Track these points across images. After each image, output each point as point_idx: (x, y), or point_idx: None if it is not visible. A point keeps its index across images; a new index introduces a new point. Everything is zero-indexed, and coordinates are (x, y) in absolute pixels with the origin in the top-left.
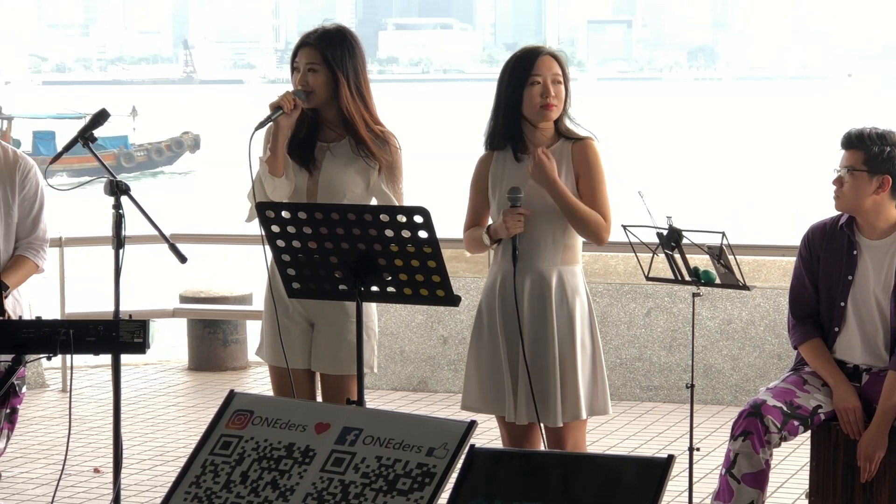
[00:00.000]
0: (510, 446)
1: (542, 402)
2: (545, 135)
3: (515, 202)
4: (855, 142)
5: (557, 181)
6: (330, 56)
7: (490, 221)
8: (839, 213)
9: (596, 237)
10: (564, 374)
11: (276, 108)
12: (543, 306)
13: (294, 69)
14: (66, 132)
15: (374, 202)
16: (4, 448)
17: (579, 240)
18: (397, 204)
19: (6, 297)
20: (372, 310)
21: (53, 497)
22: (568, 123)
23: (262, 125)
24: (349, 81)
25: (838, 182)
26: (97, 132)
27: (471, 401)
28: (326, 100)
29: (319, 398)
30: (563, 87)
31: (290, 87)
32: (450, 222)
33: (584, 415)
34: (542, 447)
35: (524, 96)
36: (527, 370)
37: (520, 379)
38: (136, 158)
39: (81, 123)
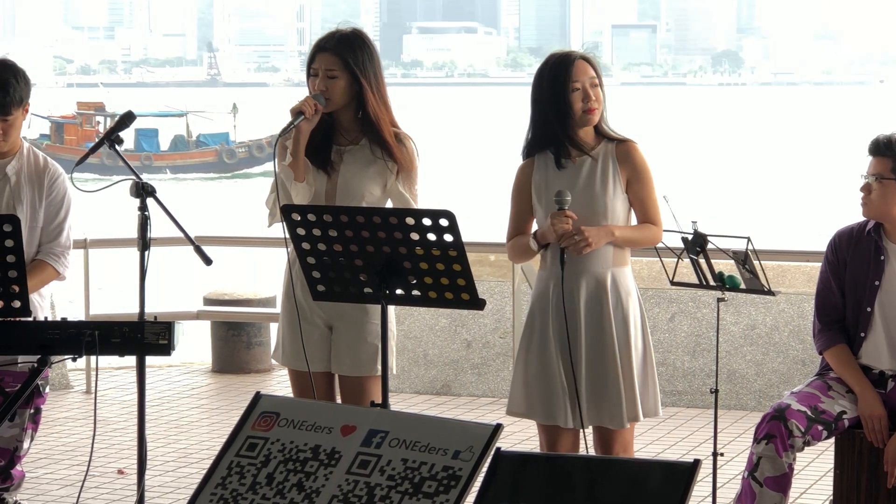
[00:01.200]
0: (548, 451)
1: (604, 404)
2: (587, 138)
3: (563, 205)
4: (883, 149)
5: (612, 234)
6: (351, 62)
7: (535, 228)
8: (865, 218)
9: (654, 244)
10: (625, 376)
11: (297, 113)
12: (601, 309)
13: (311, 74)
14: (168, 129)
15: (389, 204)
16: (29, 448)
17: None
18: (414, 205)
19: None
20: (391, 311)
21: (78, 498)
22: (606, 125)
23: (286, 131)
24: (371, 85)
25: (866, 189)
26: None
27: (517, 406)
28: (344, 104)
29: (338, 400)
30: (599, 89)
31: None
32: (475, 226)
33: (641, 417)
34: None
35: (572, 102)
36: (583, 373)
37: (581, 383)
38: (237, 155)
39: (183, 121)
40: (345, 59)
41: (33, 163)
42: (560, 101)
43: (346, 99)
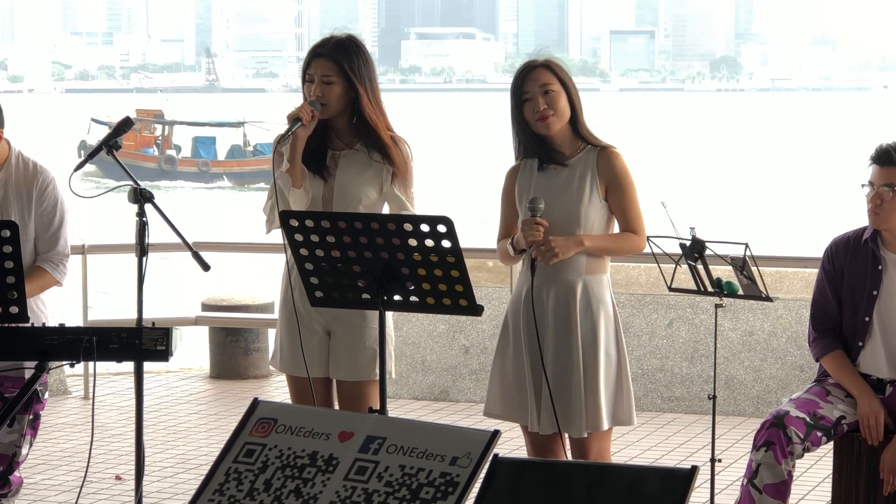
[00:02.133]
0: (534, 455)
1: (564, 412)
2: (564, 145)
3: (535, 212)
4: (895, 158)
5: (581, 243)
6: (347, 67)
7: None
8: (862, 226)
9: (634, 253)
10: (587, 385)
11: (294, 119)
12: (568, 316)
13: (307, 80)
14: (225, 138)
15: (385, 208)
16: (27, 454)
17: None
18: (411, 208)
19: None
20: (389, 316)
21: None
22: (589, 129)
23: (284, 137)
24: (367, 91)
25: (877, 198)
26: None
27: (493, 408)
28: (340, 110)
29: (336, 405)
30: (559, 94)
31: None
32: (473, 232)
33: (605, 425)
34: (564, 457)
35: (525, 115)
36: (546, 380)
37: (543, 389)
38: None
39: (240, 131)
40: (340, 64)
41: (22, 172)
42: (518, 113)
43: (342, 104)
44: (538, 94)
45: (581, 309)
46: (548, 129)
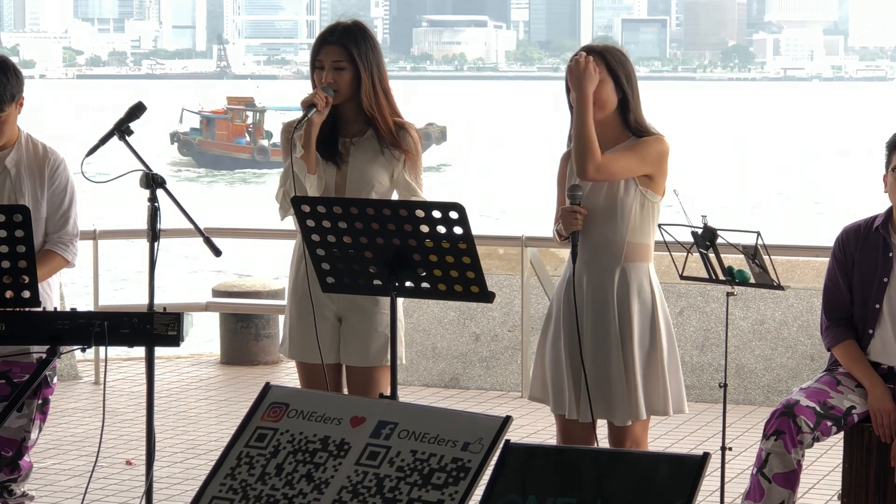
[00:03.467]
0: (564, 444)
1: (606, 400)
2: (606, 131)
3: (574, 199)
4: None
5: (588, 95)
6: (356, 53)
7: None
8: (873, 215)
9: (581, 165)
10: (627, 374)
11: (309, 105)
12: (605, 304)
13: (317, 67)
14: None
15: (395, 194)
16: (36, 439)
17: (648, 237)
18: (420, 193)
19: None
20: (399, 301)
21: (86, 489)
22: (642, 121)
23: (300, 124)
24: (373, 77)
25: None
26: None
27: (536, 392)
28: (350, 96)
29: (345, 391)
30: (607, 83)
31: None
32: (484, 219)
33: (643, 415)
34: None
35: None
36: (583, 368)
37: (583, 377)
38: None
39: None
40: (349, 50)
41: (32, 152)
42: (569, 98)
43: (352, 90)
44: None
45: (619, 297)
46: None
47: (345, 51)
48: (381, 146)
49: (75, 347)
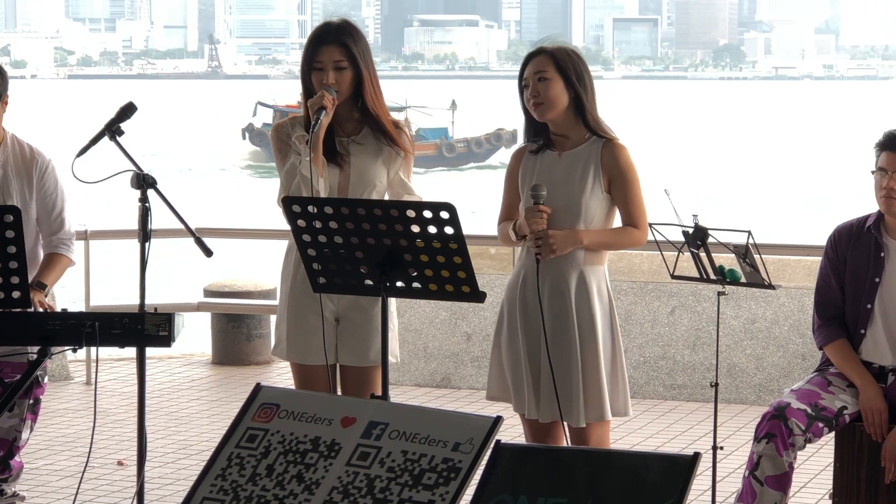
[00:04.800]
0: (532, 442)
1: (565, 401)
2: (564, 130)
3: (538, 199)
4: None
5: (580, 241)
6: (356, 52)
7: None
8: (865, 214)
9: (634, 247)
10: (587, 375)
11: (319, 108)
12: (563, 306)
13: (315, 68)
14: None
15: (387, 194)
16: (27, 439)
17: None
18: (414, 191)
19: (45, 297)
20: (391, 302)
21: (77, 489)
22: (599, 120)
23: (314, 127)
24: (371, 75)
25: (894, 182)
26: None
27: (494, 391)
28: (348, 96)
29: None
30: (552, 82)
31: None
32: (475, 219)
33: (608, 416)
34: (565, 444)
35: (524, 100)
36: (550, 368)
37: (542, 377)
38: (456, 149)
39: (402, 115)
40: (350, 49)
41: (19, 153)
42: (521, 98)
43: (352, 89)
44: (533, 80)
45: (577, 299)
46: (539, 116)
47: (345, 50)
48: (378, 144)
49: (66, 348)
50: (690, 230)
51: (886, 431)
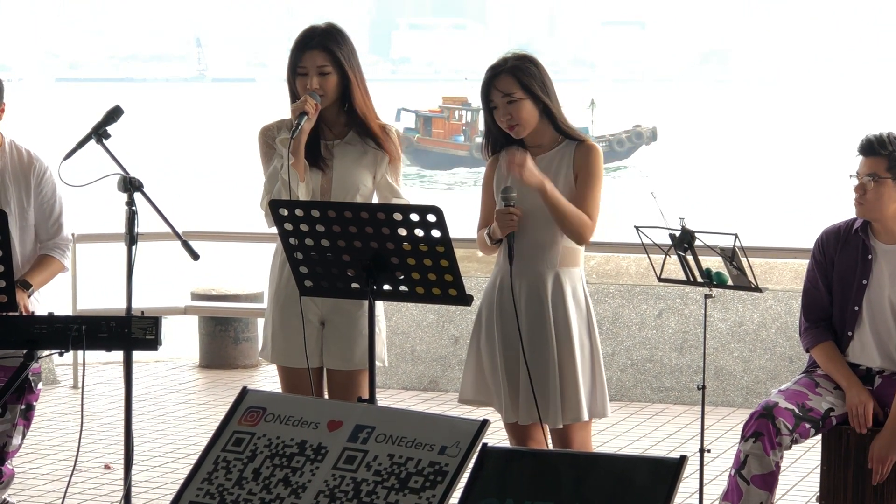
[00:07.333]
0: (515, 445)
1: (542, 402)
2: (539, 138)
3: (508, 202)
4: (877, 148)
5: (543, 186)
6: (341, 56)
7: None
8: (853, 217)
9: (578, 235)
10: (564, 376)
11: (301, 113)
12: (540, 308)
13: (300, 73)
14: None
15: (375, 197)
16: (20, 445)
17: None
18: (402, 195)
19: (29, 297)
20: (379, 306)
21: (65, 493)
22: (567, 122)
23: (295, 132)
24: (357, 78)
25: (860, 189)
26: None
27: (468, 394)
28: (334, 100)
29: (325, 394)
30: (522, 102)
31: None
32: (462, 222)
33: (585, 416)
34: (546, 447)
35: (496, 121)
36: (527, 371)
37: (521, 380)
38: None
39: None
40: (333, 53)
41: (17, 159)
42: (489, 118)
43: (337, 94)
44: (502, 103)
45: (553, 300)
46: (517, 135)
47: (329, 55)
48: (363, 147)
49: (53, 351)
50: (677, 233)
51: (871, 422)
